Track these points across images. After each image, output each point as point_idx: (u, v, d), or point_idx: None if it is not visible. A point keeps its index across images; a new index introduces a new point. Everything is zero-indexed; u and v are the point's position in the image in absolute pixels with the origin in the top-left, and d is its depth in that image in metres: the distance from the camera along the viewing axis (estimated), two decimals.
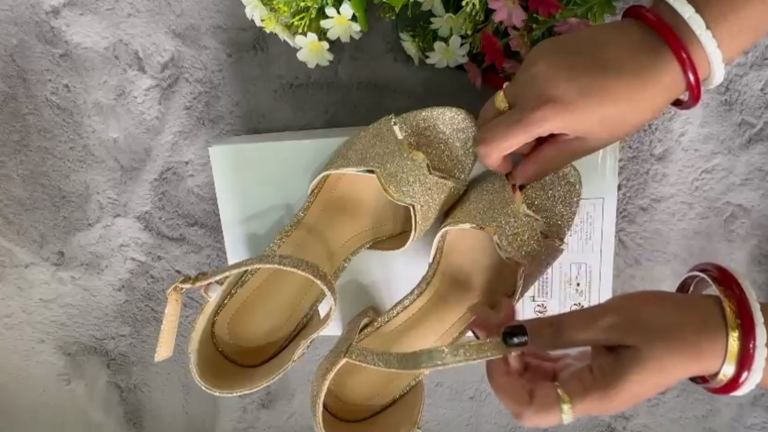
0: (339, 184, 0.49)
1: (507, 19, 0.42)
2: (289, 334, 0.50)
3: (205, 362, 0.45)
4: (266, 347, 0.49)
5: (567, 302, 0.52)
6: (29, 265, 0.69)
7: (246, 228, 0.53)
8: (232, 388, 0.44)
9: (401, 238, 0.49)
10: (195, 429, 0.74)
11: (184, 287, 0.42)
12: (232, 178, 0.52)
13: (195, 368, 0.43)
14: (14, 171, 0.64)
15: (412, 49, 0.51)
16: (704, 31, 0.31)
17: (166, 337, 0.43)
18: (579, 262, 0.51)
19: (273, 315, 0.49)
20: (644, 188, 0.56)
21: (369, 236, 0.50)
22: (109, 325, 0.70)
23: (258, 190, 0.52)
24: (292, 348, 0.47)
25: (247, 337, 0.49)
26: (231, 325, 0.48)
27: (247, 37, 0.56)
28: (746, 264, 0.56)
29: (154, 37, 0.57)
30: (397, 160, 0.44)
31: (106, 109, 0.60)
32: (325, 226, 0.50)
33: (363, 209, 0.50)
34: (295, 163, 0.51)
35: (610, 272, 0.51)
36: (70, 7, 0.57)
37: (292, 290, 0.50)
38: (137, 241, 0.65)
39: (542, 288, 0.52)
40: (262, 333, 0.49)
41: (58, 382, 0.75)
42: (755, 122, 0.52)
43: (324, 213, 0.50)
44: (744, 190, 0.54)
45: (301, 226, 0.49)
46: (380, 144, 0.45)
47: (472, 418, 0.67)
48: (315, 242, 0.49)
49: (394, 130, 0.46)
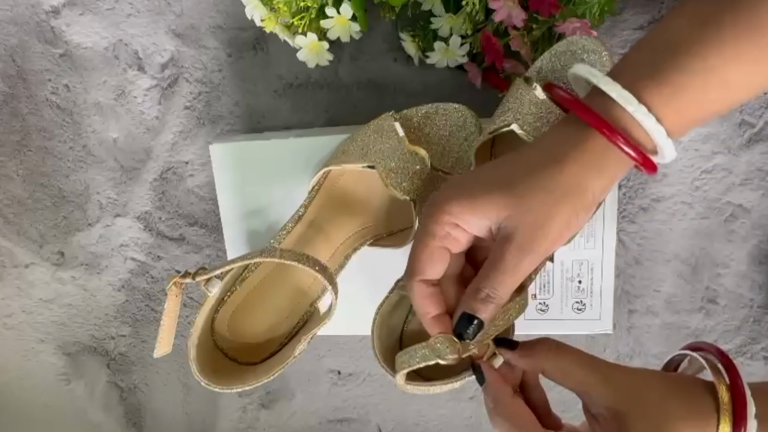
0: (340, 180, 0.49)
1: (507, 19, 0.42)
2: (289, 331, 0.50)
3: (205, 358, 0.44)
4: (266, 344, 0.49)
5: (569, 299, 0.52)
6: (29, 265, 0.69)
7: (246, 226, 0.53)
8: (232, 385, 0.43)
9: (402, 235, 0.49)
10: (195, 429, 0.74)
11: (184, 282, 0.42)
12: (233, 176, 0.52)
13: (194, 364, 0.43)
14: (14, 171, 0.64)
15: (412, 49, 0.51)
16: (637, 107, 0.29)
17: (166, 332, 0.43)
18: (581, 259, 0.51)
19: (273, 312, 0.49)
20: (644, 188, 0.56)
21: (370, 233, 0.50)
22: (109, 325, 0.70)
23: (258, 187, 0.52)
24: (292, 345, 0.47)
25: (247, 334, 0.49)
26: (231, 322, 0.48)
27: (247, 37, 0.56)
28: (746, 264, 0.57)
29: (154, 37, 0.57)
30: (398, 156, 0.44)
31: (106, 109, 0.60)
32: (326, 222, 0.49)
33: (364, 205, 0.50)
34: (296, 160, 0.51)
35: (612, 268, 0.51)
36: (70, 7, 0.57)
37: (292, 287, 0.49)
38: (137, 241, 0.65)
39: (544, 285, 0.52)
40: (263, 330, 0.49)
41: (58, 382, 0.75)
42: (755, 122, 0.52)
43: (325, 209, 0.49)
44: (744, 190, 0.54)
45: (302, 222, 0.48)
46: (381, 140, 0.45)
47: (472, 418, 0.67)
48: (316, 238, 0.49)
49: (395, 126, 0.46)
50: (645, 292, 0.59)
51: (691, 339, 0.60)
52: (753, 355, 0.59)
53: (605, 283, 0.51)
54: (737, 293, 0.58)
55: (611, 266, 0.51)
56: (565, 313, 0.53)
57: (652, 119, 0.29)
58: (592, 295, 0.52)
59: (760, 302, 0.58)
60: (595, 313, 0.52)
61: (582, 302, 0.52)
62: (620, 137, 0.29)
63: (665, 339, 0.61)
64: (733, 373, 0.32)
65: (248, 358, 0.48)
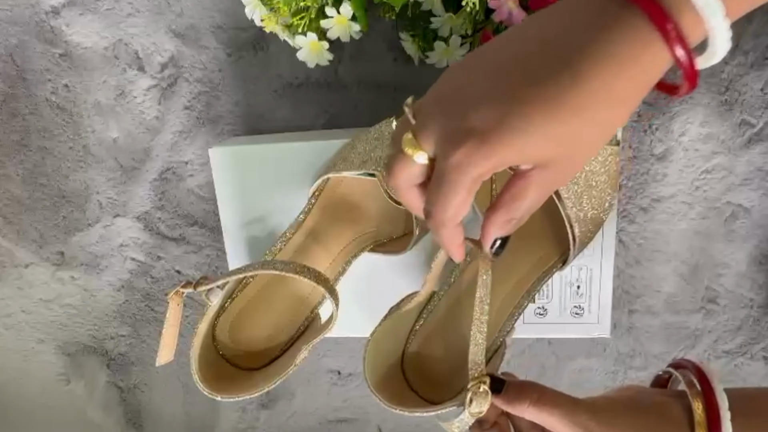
0: (340, 187, 0.49)
1: (507, 19, 0.42)
2: (291, 337, 0.50)
3: (207, 367, 0.45)
4: (267, 351, 0.49)
5: (567, 304, 0.52)
6: (29, 265, 0.69)
7: (246, 230, 0.53)
8: (234, 392, 0.44)
9: (402, 240, 0.49)
10: (195, 429, 0.74)
11: (186, 291, 0.42)
12: (232, 179, 0.52)
13: (197, 374, 0.43)
14: (14, 171, 0.64)
15: (412, 49, 0.51)
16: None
17: (167, 341, 0.43)
18: (580, 265, 0.51)
19: (274, 319, 0.49)
20: (644, 188, 0.56)
21: (370, 239, 0.50)
22: (108, 325, 0.70)
23: (258, 191, 0.52)
24: (293, 352, 0.47)
25: (248, 341, 0.49)
26: (232, 329, 0.48)
27: (247, 37, 0.56)
28: (746, 264, 0.57)
29: (154, 37, 0.57)
30: None
31: (105, 109, 0.60)
32: (326, 229, 0.50)
33: (364, 212, 0.50)
34: (296, 165, 0.51)
35: (611, 274, 0.51)
36: (70, 6, 0.57)
37: (293, 294, 0.50)
38: (137, 241, 0.65)
39: (543, 290, 0.52)
40: (264, 337, 0.49)
41: (57, 382, 0.74)
42: (755, 122, 0.52)
43: (325, 216, 0.50)
44: (744, 190, 0.54)
45: (302, 229, 0.49)
46: (382, 146, 0.45)
47: None
48: (316, 245, 0.49)
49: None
50: (645, 292, 0.59)
51: (691, 339, 0.60)
52: (753, 355, 0.59)
53: (603, 288, 0.51)
54: (737, 293, 0.58)
55: (610, 272, 0.51)
56: (563, 317, 0.53)
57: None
58: (591, 300, 0.52)
59: (760, 302, 0.58)
60: (594, 317, 0.53)
61: (580, 307, 0.52)
62: (671, 22, 0.22)
63: (665, 339, 0.61)
64: (708, 392, 0.32)
65: (249, 364, 0.48)
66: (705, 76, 0.52)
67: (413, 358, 0.46)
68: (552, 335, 0.54)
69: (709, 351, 0.60)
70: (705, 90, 0.52)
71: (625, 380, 0.63)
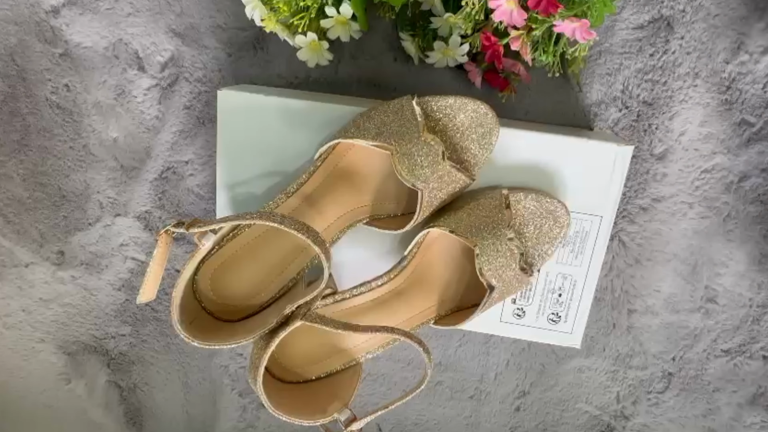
0: (348, 155, 0.48)
1: (507, 19, 0.42)
2: (271, 298, 0.48)
3: (185, 310, 0.44)
4: (245, 309, 0.48)
5: (546, 310, 0.53)
6: (29, 265, 0.69)
7: (241, 185, 0.51)
8: (210, 340, 0.43)
9: (401, 220, 0.48)
10: (195, 429, 0.74)
11: (177, 231, 0.41)
12: (236, 127, 0.49)
13: (175, 313, 0.42)
14: (14, 171, 0.64)
15: (412, 49, 0.51)
16: None
17: (151, 279, 0.42)
18: (565, 274, 0.51)
19: (258, 274, 0.48)
20: (644, 188, 0.56)
21: (367, 212, 0.49)
22: (109, 325, 0.70)
23: (261, 145, 0.50)
24: (275, 310, 0.46)
25: (227, 294, 0.47)
26: (213, 279, 0.47)
27: (247, 37, 0.56)
28: (745, 263, 0.57)
29: (154, 36, 0.57)
30: (414, 141, 0.43)
31: (106, 109, 0.60)
32: (325, 195, 0.48)
33: (367, 184, 0.49)
34: (303, 125, 0.49)
35: (593, 288, 0.51)
36: (70, 6, 0.57)
37: (281, 252, 0.48)
38: (137, 240, 0.65)
39: (524, 292, 0.52)
40: (244, 292, 0.48)
41: (58, 381, 0.75)
42: (755, 122, 0.52)
43: (327, 181, 0.48)
44: (744, 189, 0.54)
45: (301, 190, 0.47)
46: (399, 121, 0.44)
47: (472, 417, 0.67)
48: (312, 209, 0.48)
49: (415, 110, 0.45)
50: (645, 292, 0.59)
51: (690, 338, 0.60)
52: (752, 355, 0.59)
53: (583, 301, 0.52)
54: (736, 293, 0.58)
55: (593, 286, 0.51)
56: (539, 322, 0.53)
57: None
58: (569, 310, 0.52)
59: (759, 302, 0.58)
60: (568, 326, 0.53)
61: (558, 314, 0.53)
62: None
63: (665, 339, 0.61)
64: None
65: (228, 316, 0.47)
66: (706, 75, 0.52)
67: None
68: (524, 337, 0.54)
69: (709, 350, 0.60)
70: (705, 90, 0.52)
71: (624, 379, 0.63)
